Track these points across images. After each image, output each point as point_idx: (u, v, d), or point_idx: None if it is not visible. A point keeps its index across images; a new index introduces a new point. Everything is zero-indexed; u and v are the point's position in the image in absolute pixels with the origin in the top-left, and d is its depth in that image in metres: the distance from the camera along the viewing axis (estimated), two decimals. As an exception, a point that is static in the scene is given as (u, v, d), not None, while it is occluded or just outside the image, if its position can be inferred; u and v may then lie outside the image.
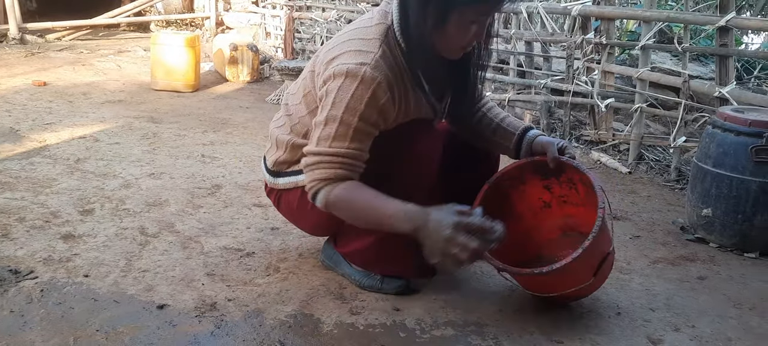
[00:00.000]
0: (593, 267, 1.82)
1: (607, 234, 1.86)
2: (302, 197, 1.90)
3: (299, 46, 6.65)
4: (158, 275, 2.03)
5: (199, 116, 4.52)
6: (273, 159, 2.01)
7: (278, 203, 2.08)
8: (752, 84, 4.24)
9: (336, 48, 1.75)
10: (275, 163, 2.00)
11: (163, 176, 3.05)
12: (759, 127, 2.38)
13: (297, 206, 1.99)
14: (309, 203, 1.85)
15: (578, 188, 1.98)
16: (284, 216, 2.15)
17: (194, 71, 5.42)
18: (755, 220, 2.41)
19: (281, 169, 1.99)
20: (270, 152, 2.05)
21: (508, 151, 2.01)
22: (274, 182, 2.03)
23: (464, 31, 1.67)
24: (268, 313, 1.83)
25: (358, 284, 2.01)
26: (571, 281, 1.83)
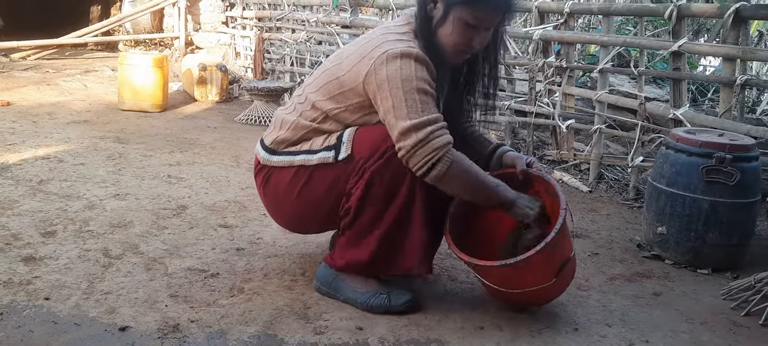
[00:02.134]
0: (555, 268, 1.92)
1: (568, 239, 1.99)
2: (293, 179, 2.00)
3: (269, 66, 6.67)
4: (121, 296, 2.03)
5: (167, 136, 4.50)
6: (272, 138, 2.06)
7: (265, 183, 2.09)
8: (706, 106, 4.40)
9: (372, 42, 1.88)
10: (274, 142, 2.05)
11: (129, 197, 3.04)
12: (709, 148, 2.48)
13: (285, 188, 2.03)
14: (297, 187, 1.99)
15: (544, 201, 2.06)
16: (265, 202, 2.17)
17: (162, 91, 5.39)
18: (707, 237, 2.50)
19: (279, 147, 2.04)
20: (270, 133, 2.10)
21: (480, 160, 2.11)
22: (267, 159, 2.06)
23: (461, 33, 1.84)
24: (231, 334, 1.84)
25: (365, 307, 2.01)
26: (533, 278, 1.92)
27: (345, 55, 1.96)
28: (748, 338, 2.02)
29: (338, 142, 1.95)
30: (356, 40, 2.01)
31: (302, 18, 6.12)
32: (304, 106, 2.02)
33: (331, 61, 2.02)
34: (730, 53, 3.00)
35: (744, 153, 2.46)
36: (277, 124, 2.08)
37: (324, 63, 2.08)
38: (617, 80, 4.73)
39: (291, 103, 2.10)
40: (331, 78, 1.96)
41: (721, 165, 2.43)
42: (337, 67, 1.96)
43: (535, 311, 2.08)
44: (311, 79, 2.07)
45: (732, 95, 3.00)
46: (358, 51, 1.91)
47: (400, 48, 1.82)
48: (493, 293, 2.06)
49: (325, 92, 1.97)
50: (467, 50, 1.90)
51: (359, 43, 1.95)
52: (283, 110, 2.12)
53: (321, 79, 2.01)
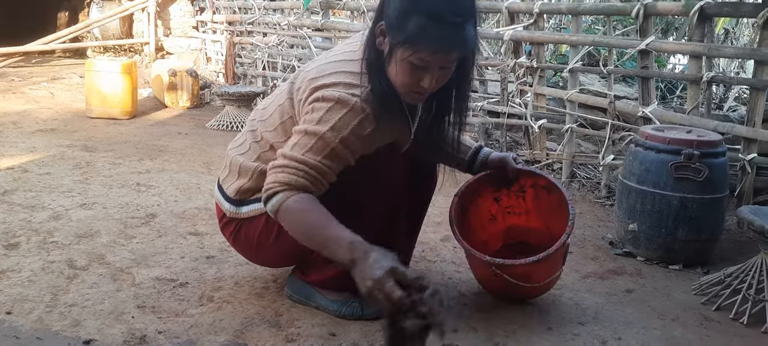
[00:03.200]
0: (562, 257, 2.07)
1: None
2: (266, 225, 1.87)
3: (240, 70, 6.60)
4: (86, 309, 1.97)
5: (136, 144, 4.42)
6: (235, 187, 1.92)
7: (236, 235, 1.97)
8: (675, 103, 4.46)
9: (323, 75, 1.73)
10: (238, 192, 1.91)
11: (95, 206, 2.97)
12: (678, 145, 2.50)
13: (258, 237, 1.91)
14: (273, 232, 1.84)
15: (526, 196, 2.19)
16: (240, 251, 2.07)
17: (131, 98, 5.30)
18: (677, 233, 2.53)
19: (245, 197, 1.91)
20: (229, 180, 1.96)
21: (461, 165, 2.12)
22: (235, 211, 1.93)
23: (408, 74, 1.63)
24: (200, 344, 1.79)
25: (336, 313, 1.98)
26: (549, 270, 2.04)
27: (299, 85, 1.82)
28: (718, 333, 2.04)
29: None
30: (315, 64, 1.84)
31: (273, 21, 6.07)
32: (261, 148, 1.89)
33: (285, 92, 1.87)
34: (696, 50, 3.04)
35: (712, 149, 2.49)
36: (235, 170, 1.94)
37: (275, 94, 1.94)
38: (588, 80, 4.78)
39: (245, 142, 1.95)
40: (286, 115, 1.84)
41: (689, 161, 2.46)
42: (290, 101, 1.84)
43: (508, 316, 2.08)
44: (264, 114, 1.93)
45: (699, 92, 3.04)
46: (309, 82, 1.76)
47: (344, 93, 1.68)
48: (499, 289, 2.11)
49: (281, 132, 1.84)
50: (419, 91, 1.68)
51: (312, 73, 1.79)
52: (238, 152, 1.96)
53: (275, 115, 1.87)
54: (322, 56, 1.87)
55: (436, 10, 1.55)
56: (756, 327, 2.07)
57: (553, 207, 2.12)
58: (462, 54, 1.64)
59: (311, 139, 1.68)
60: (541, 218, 2.20)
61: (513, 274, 1.99)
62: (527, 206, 2.23)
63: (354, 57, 1.75)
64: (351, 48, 1.81)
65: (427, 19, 1.55)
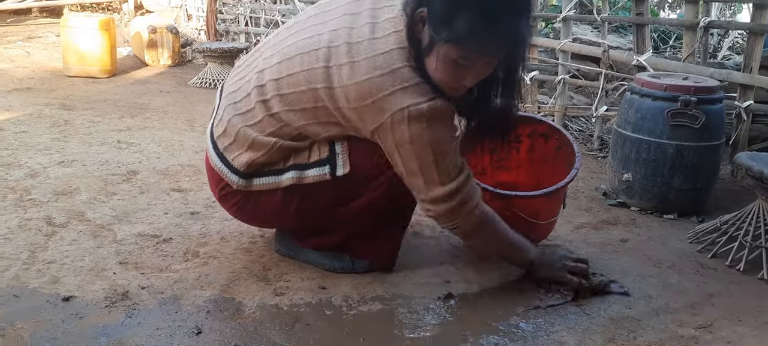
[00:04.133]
0: (562, 200, 2.06)
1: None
2: (284, 199, 1.73)
3: (222, 27, 6.43)
4: (65, 266, 1.89)
5: (116, 102, 4.29)
6: (244, 160, 1.70)
7: (242, 205, 1.79)
8: (668, 53, 4.39)
9: (380, 82, 1.49)
10: (249, 165, 1.71)
11: (74, 164, 2.87)
12: (674, 91, 2.44)
13: (274, 208, 1.76)
14: (293, 206, 1.72)
15: (520, 147, 2.14)
16: (242, 219, 1.91)
17: (110, 55, 5.14)
18: (673, 182, 2.48)
19: (257, 169, 1.72)
20: (235, 150, 1.72)
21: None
22: (245, 184, 1.73)
23: (449, 72, 1.47)
24: (185, 299, 1.73)
25: (326, 267, 1.91)
26: (553, 209, 2.04)
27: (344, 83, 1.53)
28: (715, 280, 2.01)
29: (332, 156, 1.68)
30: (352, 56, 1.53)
31: (256, -24, 5.89)
32: (279, 122, 1.66)
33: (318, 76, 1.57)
34: (693, -5, 2.96)
35: (709, 95, 2.43)
36: (244, 142, 1.70)
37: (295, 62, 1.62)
38: (580, 30, 4.69)
39: (254, 111, 1.68)
40: (321, 102, 1.59)
41: (686, 108, 2.39)
42: (328, 90, 1.56)
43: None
44: (281, 86, 1.63)
45: (695, 39, 2.96)
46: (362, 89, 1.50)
47: (426, 106, 1.49)
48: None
49: (314, 116, 1.62)
50: (459, 90, 1.53)
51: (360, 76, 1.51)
52: (245, 122, 1.70)
53: (305, 98, 1.60)
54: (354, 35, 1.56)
55: (491, 9, 1.37)
56: (752, 274, 2.04)
57: (548, 156, 2.07)
58: (516, 50, 1.50)
59: (442, 160, 1.57)
60: (531, 172, 2.15)
61: (523, 208, 1.93)
62: (519, 160, 2.19)
63: (402, 43, 1.51)
64: (390, 27, 1.54)
65: (480, 18, 1.37)
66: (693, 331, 1.70)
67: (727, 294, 1.91)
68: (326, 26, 1.61)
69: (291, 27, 1.73)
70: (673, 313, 1.79)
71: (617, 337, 1.65)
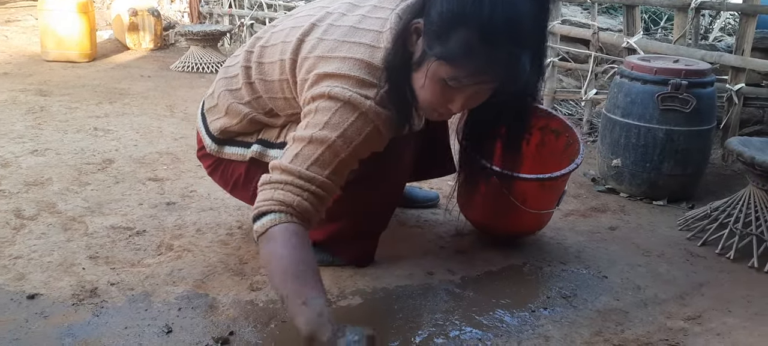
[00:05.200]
0: (558, 196, 1.98)
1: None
2: (249, 171, 1.72)
3: (206, 9, 6.28)
4: (32, 261, 1.81)
5: (95, 87, 4.17)
6: (219, 125, 1.74)
7: (214, 169, 1.84)
8: (659, 34, 4.33)
9: (335, 58, 1.42)
10: (222, 131, 1.73)
11: (48, 153, 2.77)
12: (665, 75, 2.37)
13: (236, 180, 1.78)
14: (255, 179, 1.49)
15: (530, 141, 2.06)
16: (217, 182, 1.87)
17: (89, 39, 5.00)
18: (663, 168, 2.42)
19: (229, 137, 1.74)
20: (214, 113, 1.76)
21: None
22: (217, 149, 1.77)
23: (436, 92, 1.33)
24: (155, 296, 1.65)
25: None
26: (549, 201, 1.95)
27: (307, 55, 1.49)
28: (705, 268, 1.96)
29: None
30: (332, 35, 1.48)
31: (240, -44, 5.75)
32: (255, 92, 1.64)
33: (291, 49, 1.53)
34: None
35: (700, 79, 2.37)
36: (223, 106, 1.71)
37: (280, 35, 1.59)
38: (570, 11, 4.60)
39: (238, 77, 1.67)
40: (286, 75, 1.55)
41: (677, 92, 2.33)
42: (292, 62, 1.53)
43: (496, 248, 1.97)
44: (263, 55, 1.62)
45: (686, 20, 2.89)
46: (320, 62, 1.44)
47: (357, 94, 1.37)
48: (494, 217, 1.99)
49: (280, 89, 1.60)
50: (443, 113, 1.42)
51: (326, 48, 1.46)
52: (228, 86, 1.70)
53: (278, 67, 1.57)
54: (341, 20, 1.51)
55: (490, 31, 1.20)
56: (742, 262, 1.99)
57: (556, 152, 2.02)
58: (509, 88, 1.31)
59: (317, 148, 1.38)
60: (535, 166, 2.05)
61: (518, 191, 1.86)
62: (526, 152, 2.04)
63: (377, 42, 1.43)
64: (375, 26, 1.47)
65: (477, 38, 1.21)
66: (682, 323, 1.65)
67: (716, 283, 1.87)
68: (326, 9, 1.59)
69: (307, 5, 1.72)
70: (662, 304, 1.74)
71: (604, 330, 1.60)
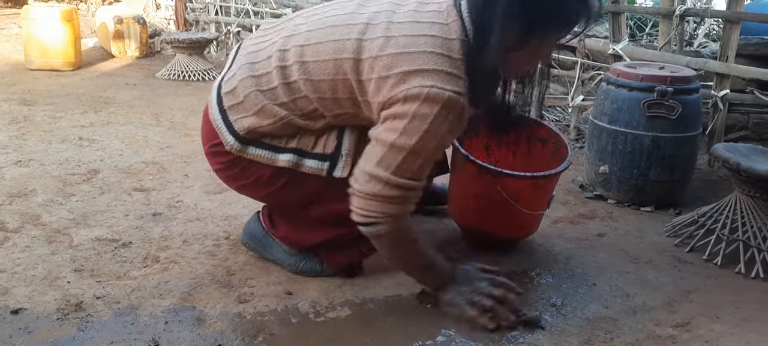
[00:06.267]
0: (548, 198, 2.01)
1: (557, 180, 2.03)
2: (272, 177, 1.65)
3: (192, 17, 6.26)
4: (16, 275, 1.78)
5: (79, 96, 4.13)
6: (246, 125, 1.61)
7: (228, 166, 1.70)
8: (644, 40, 4.36)
9: (416, 55, 1.43)
10: (250, 131, 1.62)
11: (32, 163, 2.74)
12: (651, 81, 2.39)
13: (263, 182, 1.67)
14: (277, 184, 1.64)
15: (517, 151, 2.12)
16: (223, 179, 1.78)
17: (74, 47, 4.96)
18: (650, 174, 2.44)
19: (257, 137, 1.63)
20: (239, 112, 1.63)
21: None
22: (240, 148, 1.64)
23: (535, 57, 1.58)
24: (142, 309, 1.63)
25: (293, 269, 1.84)
26: (539, 202, 1.96)
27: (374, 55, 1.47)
28: (692, 274, 1.97)
29: (336, 155, 1.62)
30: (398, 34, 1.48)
31: (226, -36, 5.73)
32: (293, 93, 1.57)
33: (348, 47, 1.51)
34: (668, -17, 2.91)
35: (685, 85, 2.39)
36: (252, 106, 1.60)
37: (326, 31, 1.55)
38: (555, 19, 4.63)
39: (270, 76, 1.59)
40: (344, 75, 1.52)
41: (662, 98, 2.35)
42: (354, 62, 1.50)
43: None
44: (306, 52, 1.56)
45: (671, 27, 2.92)
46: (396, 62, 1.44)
47: (450, 91, 1.41)
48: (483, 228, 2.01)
49: (330, 89, 1.55)
50: (533, 73, 1.69)
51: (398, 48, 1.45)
52: (258, 85, 1.60)
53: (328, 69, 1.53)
54: (398, 16, 1.52)
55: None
56: (730, 267, 2.00)
57: (544, 159, 2.05)
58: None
59: (416, 159, 1.44)
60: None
61: (512, 188, 1.87)
62: (513, 165, 2.13)
63: (447, 33, 1.46)
64: (437, 18, 1.49)
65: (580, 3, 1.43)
66: (671, 330, 1.65)
67: (704, 290, 1.88)
68: (368, 8, 1.57)
69: (327, 5, 1.67)
70: (651, 311, 1.74)
71: (594, 338, 1.60)
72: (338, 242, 1.76)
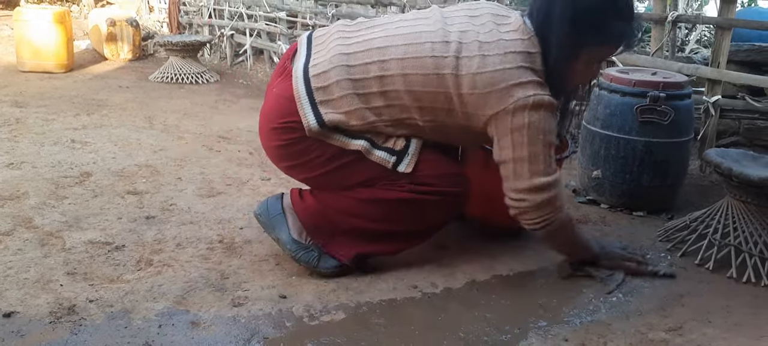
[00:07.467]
0: None
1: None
2: (336, 155, 1.77)
3: (185, 19, 6.25)
4: (8, 278, 1.77)
5: (72, 98, 4.12)
6: (334, 119, 1.73)
7: (296, 143, 1.78)
8: (636, 46, 4.38)
9: (511, 73, 1.66)
10: (335, 124, 1.73)
11: (24, 166, 2.72)
12: (643, 87, 2.40)
13: (318, 157, 1.78)
14: (335, 164, 1.78)
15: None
16: (279, 156, 1.86)
17: (66, 49, 4.95)
18: (642, 179, 2.45)
19: (341, 127, 1.75)
20: (328, 107, 1.73)
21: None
22: (321, 133, 1.75)
23: (589, 70, 1.78)
24: (135, 312, 1.63)
25: (291, 255, 1.85)
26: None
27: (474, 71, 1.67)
28: (684, 279, 1.98)
29: (404, 151, 1.78)
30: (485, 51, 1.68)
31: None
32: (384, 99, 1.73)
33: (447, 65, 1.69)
34: (661, -12, 2.93)
35: (677, 91, 2.40)
36: (344, 105, 1.72)
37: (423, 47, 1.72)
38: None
39: (368, 81, 1.72)
40: (430, 70, 1.69)
41: (655, 104, 2.36)
42: (454, 78, 1.68)
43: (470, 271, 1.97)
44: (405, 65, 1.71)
45: (663, 33, 2.94)
46: (493, 78, 1.65)
47: (547, 99, 1.68)
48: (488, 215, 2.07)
49: (417, 82, 1.71)
50: (586, 85, 1.90)
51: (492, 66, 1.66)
52: (356, 88, 1.73)
53: (412, 63, 1.70)
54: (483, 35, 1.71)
55: (629, 11, 1.72)
56: (721, 272, 2.01)
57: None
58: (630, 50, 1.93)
59: (547, 153, 1.70)
60: None
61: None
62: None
63: (528, 48, 1.71)
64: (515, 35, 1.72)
65: (623, 20, 1.70)
66: (663, 334, 1.66)
67: (696, 294, 1.89)
68: (453, 27, 1.75)
69: (410, 19, 1.84)
70: (644, 315, 1.75)
71: (587, 342, 1.61)
72: (358, 233, 1.84)
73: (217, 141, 3.25)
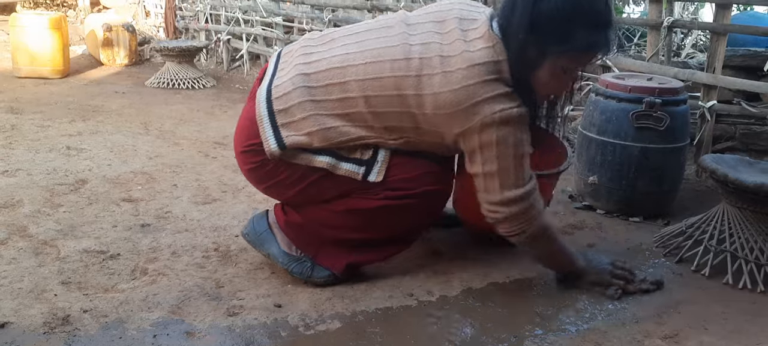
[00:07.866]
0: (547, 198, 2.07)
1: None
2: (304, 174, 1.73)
3: (182, 24, 6.24)
4: (2, 288, 1.77)
5: (68, 104, 4.11)
6: (295, 142, 1.68)
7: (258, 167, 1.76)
8: (633, 51, 4.40)
9: (475, 89, 1.59)
10: (297, 146, 1.69)
11: (19, 173, 2.71)
12: (639, 93, 2.40)
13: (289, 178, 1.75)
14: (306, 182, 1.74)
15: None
16: (252, 178, 1.84)
17: (62, 55, 4.94)
18: (638, 185, 2.45)
19: (301, 150, 1.71)
20: (290, 130, 1.69)
21: None
22: (283, 156, 1.71)
23: (559, 80, 1.67)
24: (130, 322, 1.62)
25: (284, 267, 1.85)
26: (547, 198, 2.03)
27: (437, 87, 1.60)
28: (680, 285, 1.98)
29: (372, 161, 1.72)
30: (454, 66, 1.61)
31: (216, -28, 5.73)
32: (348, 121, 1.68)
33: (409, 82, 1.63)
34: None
35: (673, 97, 2.40)
36: (309, 127, 1.67)
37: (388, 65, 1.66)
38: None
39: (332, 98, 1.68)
40: (392, 91, 1.64)
41: (651, 110, 2.36)
42: (402, 80, 1.63)
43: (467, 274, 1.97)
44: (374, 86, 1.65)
45: (659, 38, 2.94)
46: (458, 96, 1.59)
47: (515, 112, 1.61)
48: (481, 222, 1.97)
49: (381, 104, 1.66)
50: (560, 94, 1.82)
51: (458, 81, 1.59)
52: (318, 109, 1.68)
53: (372, 85, 1.65)
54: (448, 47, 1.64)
55: (600, 18, 1.58)
56: (717, 278, 2.01)
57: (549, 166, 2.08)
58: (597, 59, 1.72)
59: (519, 166, 1.66)
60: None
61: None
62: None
63: (495, 56, 1.62)
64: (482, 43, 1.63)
65: (591, 28, 1.57)
66: (659, 341, 1.66)
67: (693, 301, 1.88)
68: (415, 38, 1.68)
69: (370, 30, 1.77)
70: (640, 322, 1.75)
71: (584, 351, 1.60)
72: (344, 243, 1.82)
73: (213, 147, 3.24)
